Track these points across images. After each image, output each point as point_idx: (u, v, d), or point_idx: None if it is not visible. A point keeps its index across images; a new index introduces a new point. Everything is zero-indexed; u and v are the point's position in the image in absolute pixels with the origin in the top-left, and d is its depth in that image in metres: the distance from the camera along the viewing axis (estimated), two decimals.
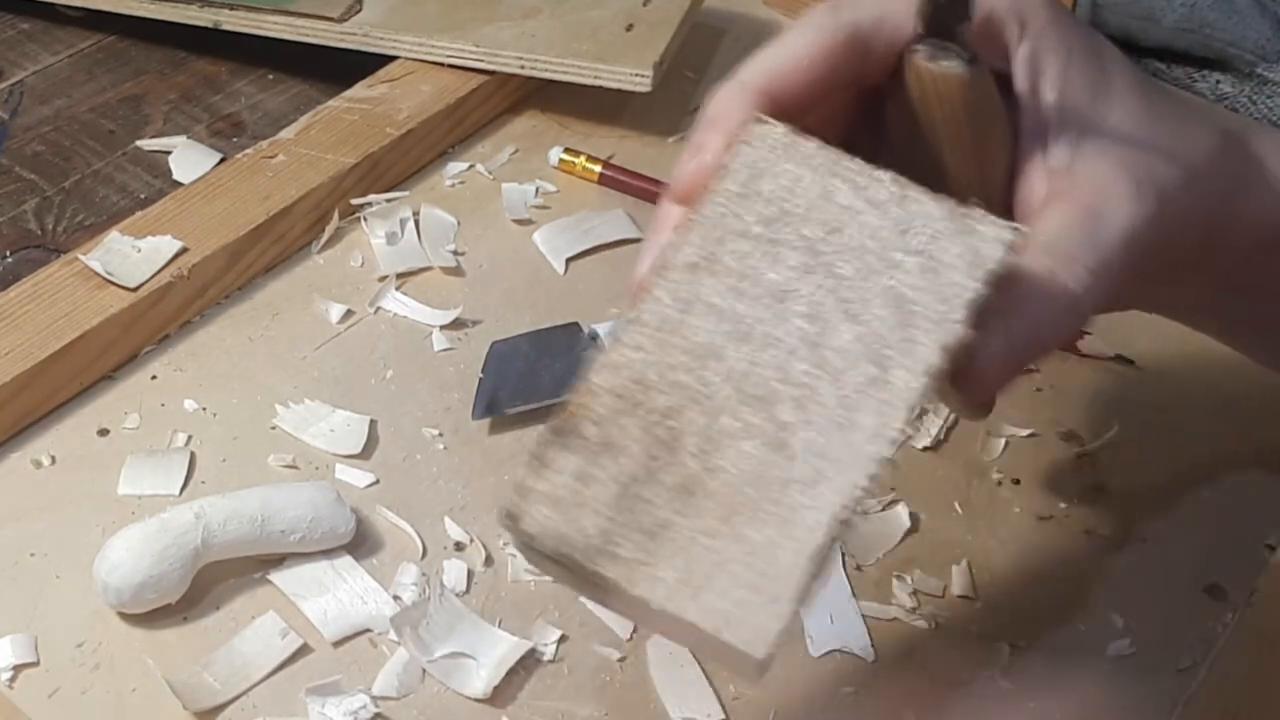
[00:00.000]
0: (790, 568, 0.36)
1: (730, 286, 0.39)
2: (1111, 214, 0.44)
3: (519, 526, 0.37)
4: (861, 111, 0.47)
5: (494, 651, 0.55)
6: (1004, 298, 0.41)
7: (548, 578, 0.56)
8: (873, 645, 0.56)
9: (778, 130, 0.41)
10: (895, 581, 0.58)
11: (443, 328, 0.68)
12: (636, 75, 0.76)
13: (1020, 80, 0.45)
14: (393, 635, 0.55)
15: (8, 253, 0.73)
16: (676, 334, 0.39)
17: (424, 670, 0.54)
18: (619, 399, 0.38)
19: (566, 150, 0.78)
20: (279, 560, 0.57)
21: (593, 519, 0.37)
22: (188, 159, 0.78)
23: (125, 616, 0.56)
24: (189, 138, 0.80)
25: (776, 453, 0.37)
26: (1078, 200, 0.44)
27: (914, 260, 0.39)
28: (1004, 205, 0.46)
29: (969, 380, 0.42)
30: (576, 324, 0.67)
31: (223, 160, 0.77)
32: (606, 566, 0.37)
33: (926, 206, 0.40)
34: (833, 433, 0.37)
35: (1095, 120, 0.45)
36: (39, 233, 0.74)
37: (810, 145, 0.41)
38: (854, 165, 0.41)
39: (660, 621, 0.38)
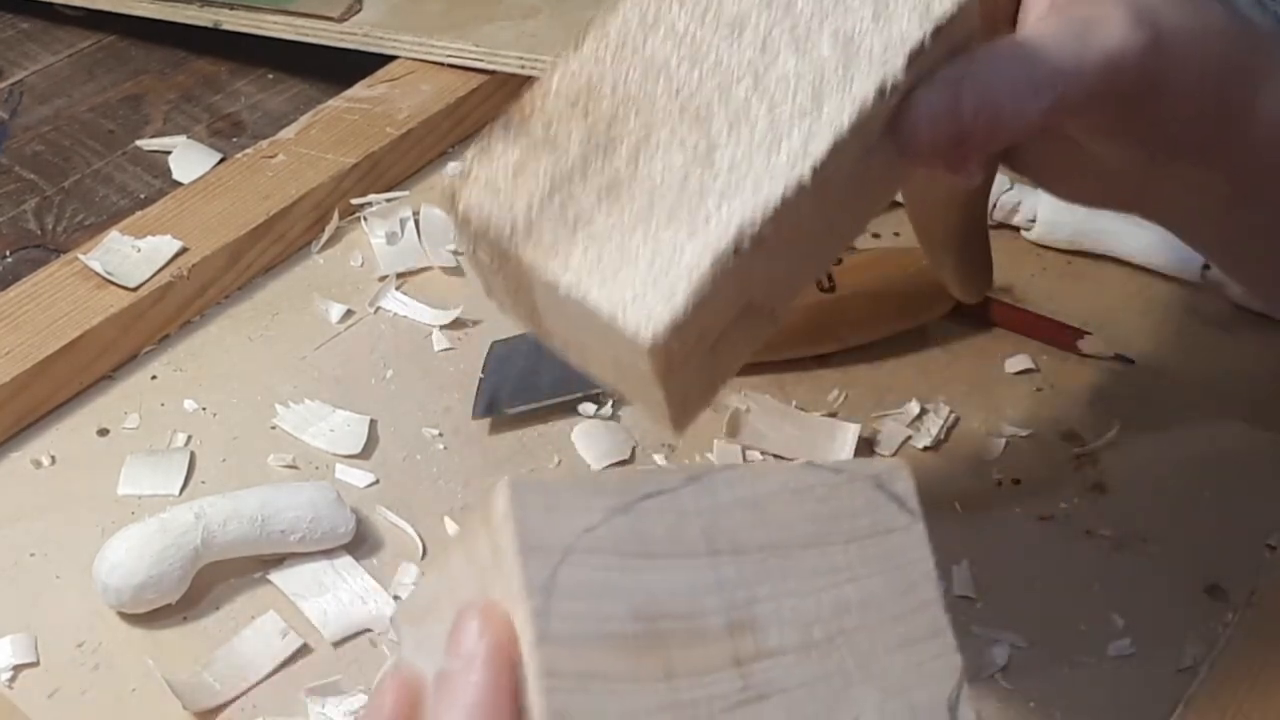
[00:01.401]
0: (690, 266, 0.38)
1: (694, 14, 0.41)
2: (1099, 30, 0.43)
3: (455, 204, 0.40)
4: None
5: None
6: (962, 61, 0.41)
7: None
8: None
9: None
10: None
11: (443, 328, 0.68)
12: None
13: None
14: (393, 635, 0.55)
15: (8, 253, 0.73)
16: (636, 51, 0.41)
17: None
18: (569, 103, 0.40)
19: None
20: (279, 560, 0.57)
21: (522, 206, 0.39)
22: (188, 159, 0.78)
23: (125, 616, 0.56)
24: (189, 137, 0.80)
25: (702, 165, 0.39)
26: (1070, 13, 0.44)
27: (869, 7, 0.41)
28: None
29: (904, 128, 0.41)
30: None
31: (223, 160, 0.77)
32: (524, 248, 0.39)
33: None
34: (757, 153, 0.39)
35: None
36: (39, 233, 0.74)
37: None
38: None
39: (569, 325, 0.40)
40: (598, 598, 0.32)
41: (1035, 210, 0.71)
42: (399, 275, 0.71)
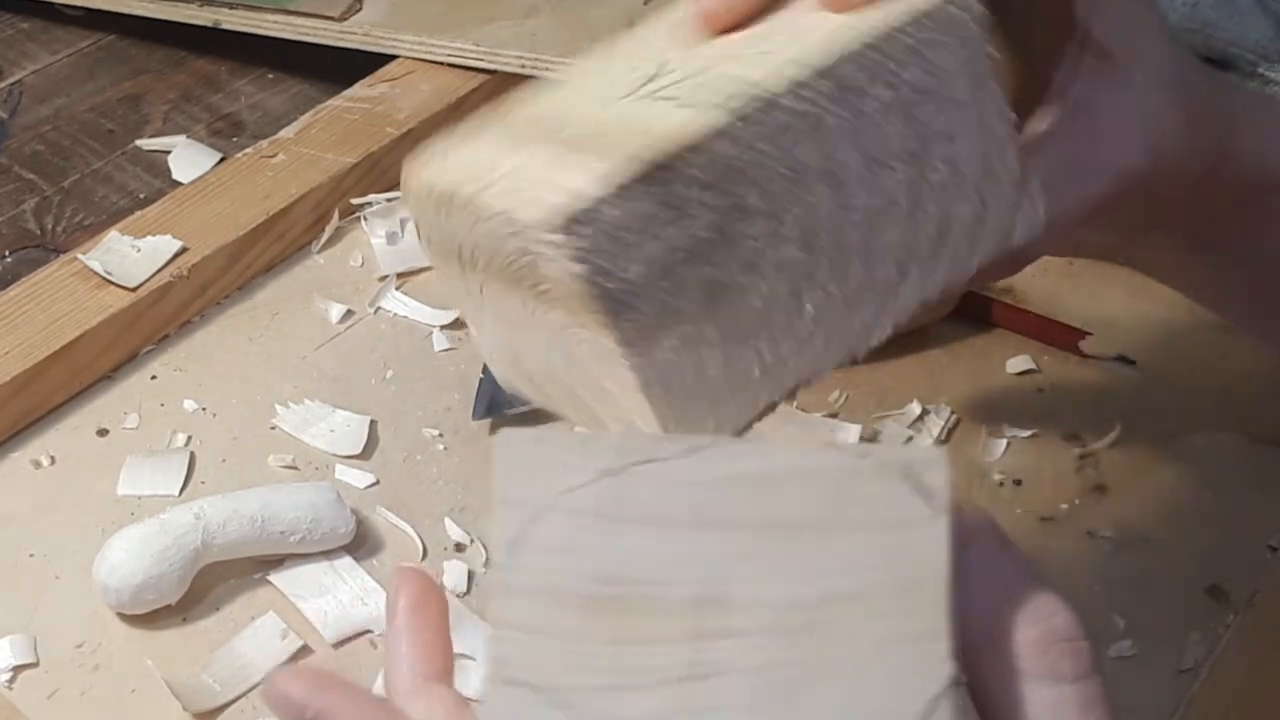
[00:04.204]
0: (743, 408, 0.38)
1: (855, 129, 0.39)
2: (1111, 147, 0.44)
3: (571, 234, 0.35)
4: None
5: None
6: None
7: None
8: None
9: (974, 11, 0.40)
10: None
11: (443, 328, 0.68)
12: None
13: None
14: None
15: (7, 253, 0.73)
16: (794, 145, 0.38)
17: None
18: (718, 174, 0.37)
19: None
20: (279, 561, 0.57)
21: (636, 269, 0.36)
22: (187, 158, 0.78)
23: (125, 617, 0.55)
24: (189, 137, 0.79)
25: (795, 301, 0.39)
26: (1087, 125, 0.45)
27: (976, 206, 0.41)
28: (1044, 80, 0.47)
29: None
30: None
31: (222, 160, 0.77)
32: (623, 318, 0.36)
33: (1013, 167, 0.41)
34: (840, 312, 0.39)
35: (1137, 58, 0.46)
36: (38, 232, 0.74)
37: (985, 48, 0.40)
38: (995, 91, 0.41)
39: (565, 370, 0.39)
40: (564, 555, 0.32)
41: None
42: (399, 275, 0.71)
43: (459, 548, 0.59)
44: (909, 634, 0.32)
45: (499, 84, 0.80)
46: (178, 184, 0.76)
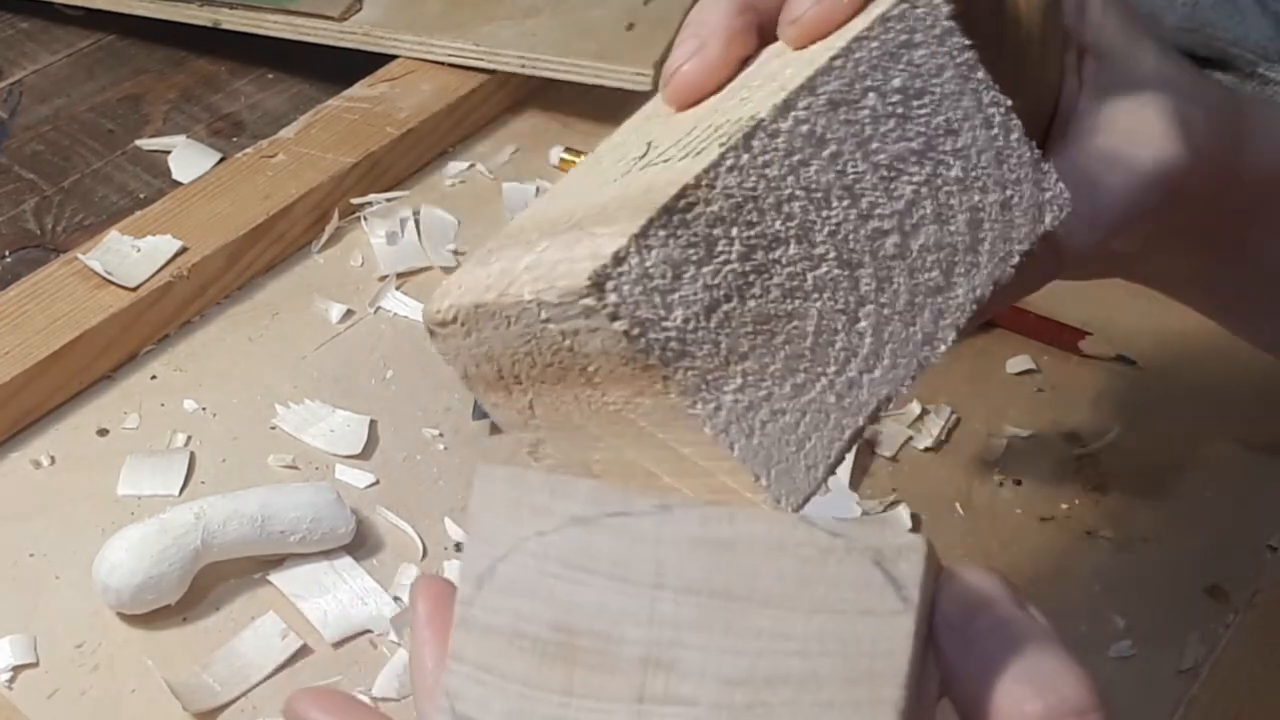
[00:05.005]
0: (830, 440, 0.37)
1: (858, 142, 0.39)
2: (1143, 151, 0.45)
3: (604, 293, 0.34)
4: None
5: None
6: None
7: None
8: None
9: (942, 10, 0.40)
10: None
11: None
12: (638, 74, 0.75)
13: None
14: (393, 636, 0.55)
15: (7, 253, 0.73)
16: (803, 167, 0.38)
17: None
18: (734, 206, 0.37)
19: (567, 149, 0.78)
20: (279, 561, 0.57)
21: (679, 314, 0.35)
22: (187, 158, 0.78)
23: (125, 617, 0.55)
24: (188, 137, 0.79)
25: (847, 320, 0.38)
26: (1119, 128, 0.45)
27: (999, 193, 0.41)
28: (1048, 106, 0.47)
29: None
30: None
31: (222, 160, 0.77)
32: (677, 367, 0.35)
33: (1023, 149, 0.41)
34: (896, 323, 0.39)
35: (1135, 57, 0.46)
36: (38, 232, 0.74)
37: (960, 40, 0.40)
38: (984, 79, 0.41)
39: (684, 439, 0.37)
40: (526, 598, 0.32)
41: None
42: (399, 275, 0.71)
43: (459, 547, 0.59)
44: None
45: (499, 84, 0.80)
46: (178, 184, 0.76)
